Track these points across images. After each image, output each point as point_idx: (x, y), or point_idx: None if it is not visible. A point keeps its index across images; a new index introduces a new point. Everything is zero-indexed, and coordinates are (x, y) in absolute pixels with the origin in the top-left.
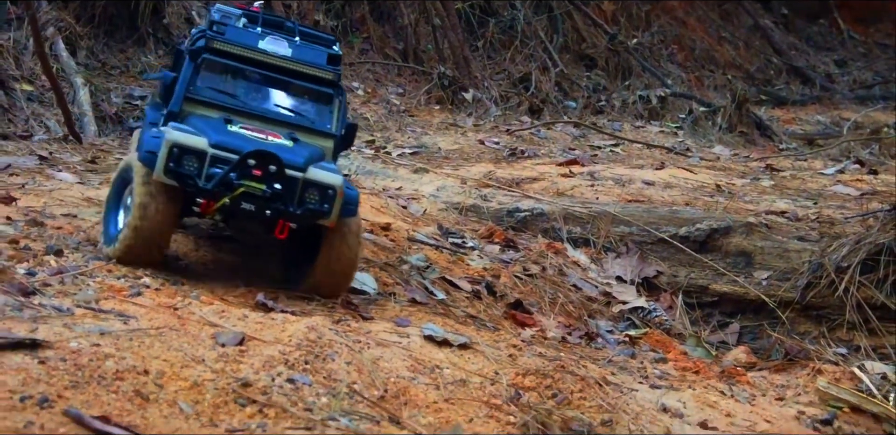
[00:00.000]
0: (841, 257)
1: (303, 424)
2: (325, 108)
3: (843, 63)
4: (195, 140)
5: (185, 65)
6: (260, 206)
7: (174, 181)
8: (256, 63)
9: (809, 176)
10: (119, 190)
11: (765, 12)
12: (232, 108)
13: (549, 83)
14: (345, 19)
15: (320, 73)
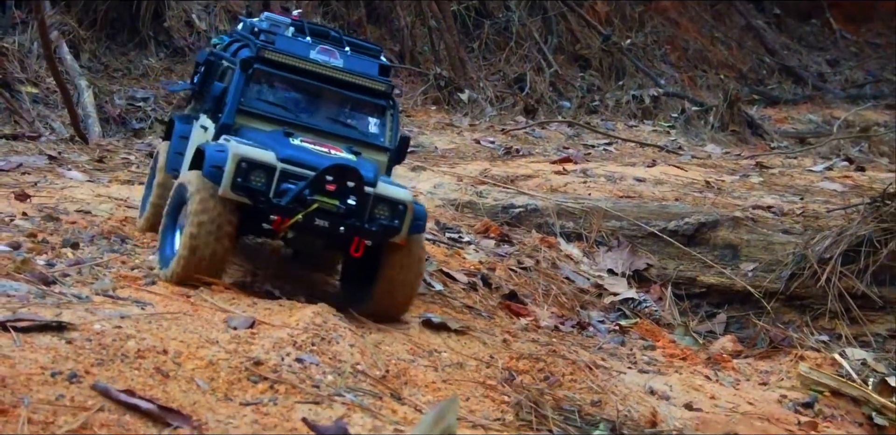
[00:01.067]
0: (823, 249)
1: (311, 399)
2: (378, 121)
3: (835, 62)
4: (263, 154)
5: (235, 75)
6: (334, 223)
7: (243, 197)
8: (308, 74)
9: (798, 173)
10: (174, 210)
11: (757, 12)
12: (285, 122)
13: (543, 83)
14: (342, 22)
15: (373, 85)
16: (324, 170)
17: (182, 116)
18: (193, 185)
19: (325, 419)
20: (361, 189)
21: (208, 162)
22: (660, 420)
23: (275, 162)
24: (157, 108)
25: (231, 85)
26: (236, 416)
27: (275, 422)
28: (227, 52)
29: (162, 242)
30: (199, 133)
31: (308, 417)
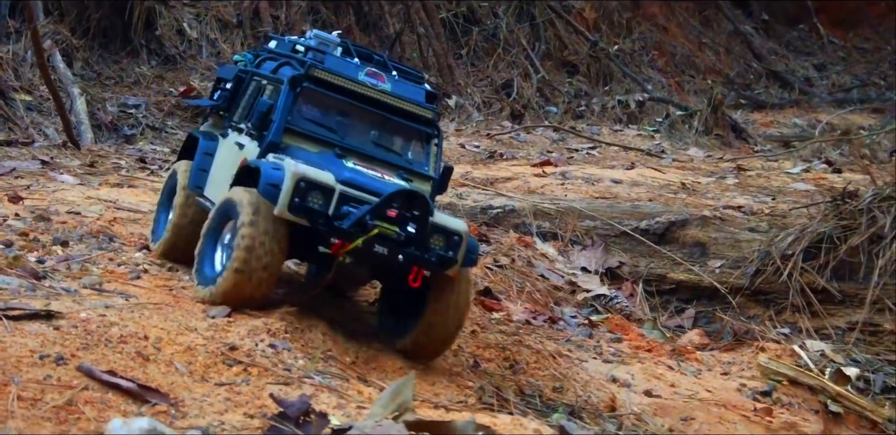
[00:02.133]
0: (786, 246)
1: (281, 380)
2: (423, 149)
3: (823, 67)
4: (322, 175)
5: (282, 93)
6: (393, 251)
7: (301, 218)
8: (356, 96)
9: (776, 175)
10: (216, 228)
11: (745, 18)
12: (331, 143)
13: (530, 89)
14: (331, 29)
15: (420, 111)
16: (390, 195)
17: (204, 132)
18: (244, 201)
19: (293, 398)
20: (426, 217)
21: (265, 179)
22: (619, 405)
23: (334, 183)
24: (148, 114)
25: (278, 102)
26: (210, 394)
27: (246, 399)
28: (262, 69)
29: (200, 261)
30: (232, 150)
31: (277, 395)
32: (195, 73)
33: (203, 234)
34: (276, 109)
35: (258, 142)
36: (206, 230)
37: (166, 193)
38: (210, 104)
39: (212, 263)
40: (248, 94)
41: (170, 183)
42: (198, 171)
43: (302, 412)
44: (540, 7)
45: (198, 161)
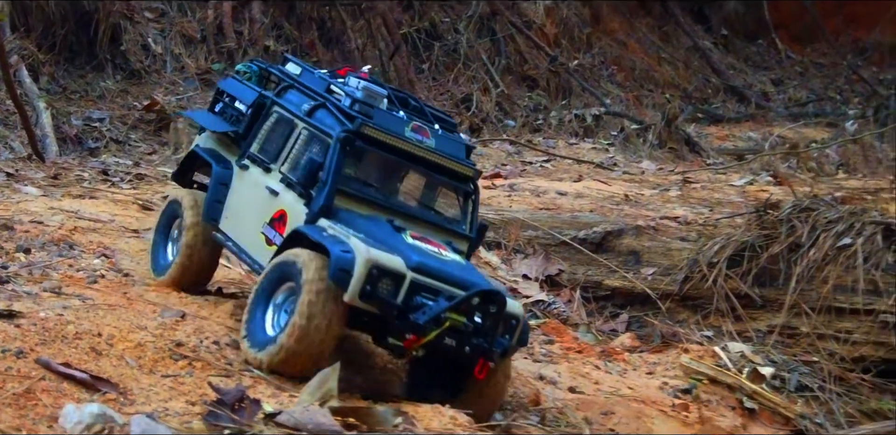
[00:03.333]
0: (713, 254)
1: (223, 373)
2: (461, 207)
3: (780, 82)
4: (393, 261)
5: (334, 152)
6: (461, 342)
7: (372, 307)
8: (404, 154)
9: (720, 187)
10: (271, 286)
11: (704, 33)
12: (377, 204)
13: (490, 103)
14: (295, 44)
15: (463, 169)
16: (473, 294)
17: (214, 154)
18: (309, 271)
19: (231, 387)
20: (501, 314)
21: (336, 264)
22: (543, 400)
23: (405, 271)
24: (112, 128)
25: (328, 162)
26: (157, 385)
27: (189, 389)
28: (285, 99)
29: (251, 322)
30: (259, 191)
31: (215, 384)
32: (159, 88)
33: (255, 292)
34: (325, 169)
35: (305, 201)
36: (257, 289)
37: (164, 222)
38: (226, 129)
39: (263, 325)
40: (271, 126)
41: (168, 211)
42: (213, 202)
43: (237, 399)
44: (501, 22)
45: (213, 192)
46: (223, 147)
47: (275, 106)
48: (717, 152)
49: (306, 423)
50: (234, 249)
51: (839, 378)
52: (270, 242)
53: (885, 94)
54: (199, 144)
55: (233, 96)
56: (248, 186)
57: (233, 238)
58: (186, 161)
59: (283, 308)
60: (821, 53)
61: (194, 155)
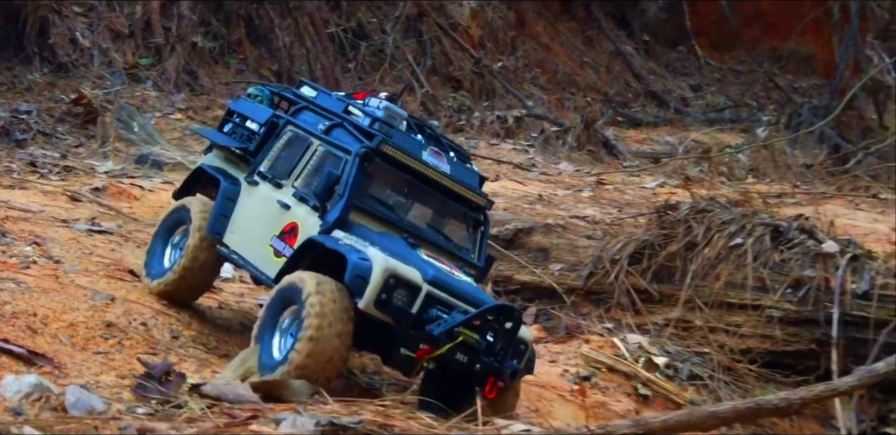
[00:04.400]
0: (615, 252)
1: (150, 351)
2: (470, 235)
3: (698, 87)
4: (410, 272)
5: (352, 166)
6: (472, 359)
7: (386, 316)
8: (420, 176)
9: (632, 189)
10: (276, 312)
11: (626, 38)
12: (394, 224)
13: (415, 103)
14: (222, 41)
15: (475, 198)
16: (490, 308)
17: (222, 172)
18: (312, 291)
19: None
20: (516, 332)
21: (353, 270)
22: None
23: (421, 283)
24: (39, 120)
25: (345, 176)
26: (89, 360)
27: (119, 365)
28: (300, 120)
29: (260, 346)
30: (268, 205)
31: (143, 359)
32: (87, 81)
33: (261, 319)
34: (343, 183)
35: (320, 213)
36: (263, 315)
37: (166, 227)
38: (237, 146)
39: (269, 350)
40: (283, 144)
41: (174, 217)
42: (219, 216)
43: (164, 373)
44: (427, 24)
45: (219, 206)
46: (231, 165)
47: (289, 125)
48: (634, 155)
49: (227, 394)
50: (240, 262)
51: (727, 368)
52: (279, 254)
53: (799, 102)
54: (205, 163)
55: (244, 116)
56: (257, 202)
57: (238, 251)
58: (191, 179)
59: (291, 334)
60: (739, 61)
61: (201, 172)
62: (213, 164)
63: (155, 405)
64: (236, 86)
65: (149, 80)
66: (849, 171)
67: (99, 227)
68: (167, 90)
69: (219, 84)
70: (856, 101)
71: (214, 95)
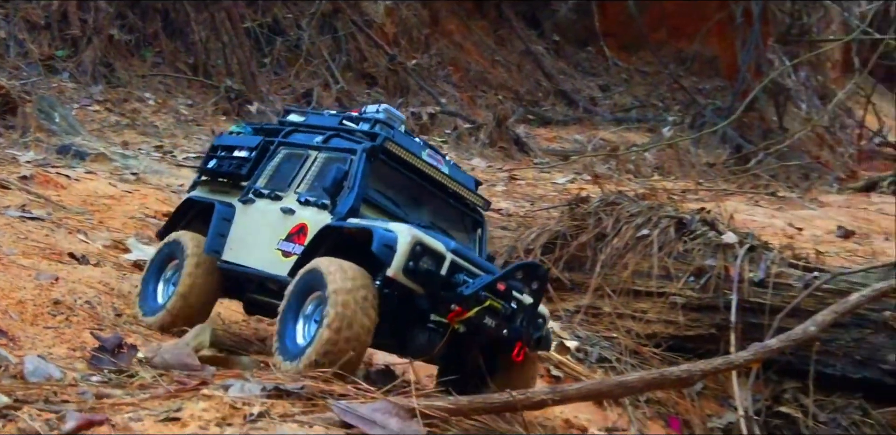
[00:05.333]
0: (529, 242)
1: (98, 326)
2: (471, 235)
3: (606, 88)
4: (435, 242)
5: (357, 162)
6: (499, 324)
7: (415, 282)
8: (421, 174)
9: (543, 184)
10: (299, 299)
11: (537, 38)
12: (398, 217)
13: (330, 99)
14: (138, 34)
15: (474, 198)
16: (518, 266)
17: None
18: (336, 272)
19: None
20: (542, 291)
21: (379, 240)
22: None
23: (445, 251)
24: None
25: (353, 170)
26: (41, 334)
27: (69, 338)
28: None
29: (282, 335)
30: (271, 215)
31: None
32: (3, 72)
33: (283, 310)
34: (351, 177)
35: (330, 208)
36: (285, 306)
37: (157, 264)
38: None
39: (293, 336)
40: (278, 163)
41: (165, 252)
42: (216, 236)
43: (116, 346)
44: (342, 20)
45: (216, 226)
46: (220, 194)
47: (281, 146)
48: (544, 152)
49: (175, 364)
50: (244, 270)
51: (634, 352)
52: (288, 254)
53: (703, 103)
54: (193, 195)
55: (231, 147)
56: (255, 216)
57: (240, 262)
58: (177, 213)
59: (315, 319)
60: (645, 62)
61: (190, 203)
62: (202, 195)
63: (108, 374)
64: (153, 78)
65: (65, 72)
66: (749, 170)
67: (30, 214)
68: (84, 82)
69: (135, 76)
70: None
71: (131, 88)
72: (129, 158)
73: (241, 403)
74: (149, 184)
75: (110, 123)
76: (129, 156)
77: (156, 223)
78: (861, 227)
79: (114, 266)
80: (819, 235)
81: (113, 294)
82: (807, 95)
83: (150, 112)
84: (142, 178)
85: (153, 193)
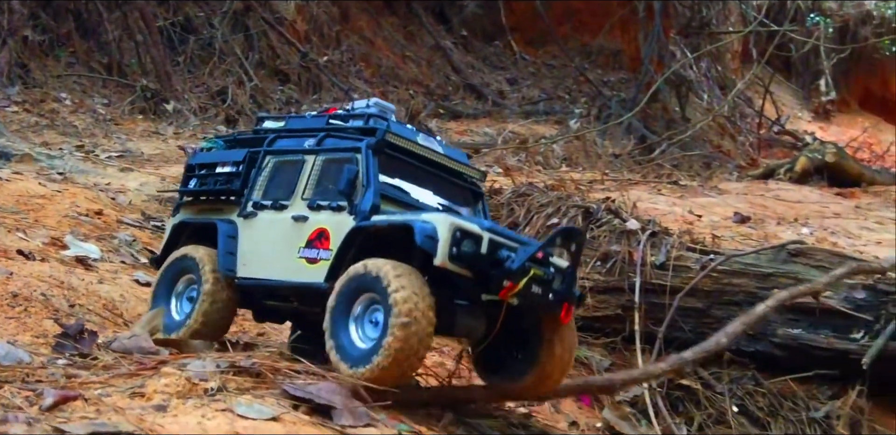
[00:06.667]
0: None
1: (55, 316)
2: (472, 209)
3: (514, 81)
4: (470, 225)
5: (365, 158)
6: (545, 290)
7: (462, 267)
8: (421, 159)
9: None
10: (349, 300)
11: (446, 33)
12: (410, 205)
13: (244, 96)
14: (52, 34)
15: (472, 172)
16: (558, 232)
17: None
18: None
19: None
20: (580, 254)
21: (421, 232)
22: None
23: (481, 232)
24: None
25: (363, 168)
26: (4, 324)
27: (31, 327)
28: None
29: (337, 338)
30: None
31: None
32: None
33: (331, 311)
34: (364, 175)
35: (348, 209)
36: (333, 307)
37: (167, 280)
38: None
39: (350, 340)
40: (270, 173)
41: (174, 269)
42: (226, 254)
43: (78, 332)
44: (254, 18)
45: (224, 245)
46: (212, 213)
47: (269, 155)
48: (456, 146)
49: (133, 348)
50: (266, 283)
51: None
52: (314, 260)
53: (608, 95)
54: (184, 218)
55: (211, 164)
56: (262, 229)
57: (261, 276)
58: (171, 239)
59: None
60: (552, 56)
61: (182, 227)
62: (194, 215)
63: (72, 358)
64: (68, 78)
65: None
66: (654, 160)
67: None
68: (0, 83)
69: (51, 77)
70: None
71: (48, 88)
72: (55, 159)
73: (199, 379)
74: (77, 183)
75: (30, 124)
76: (54, 156)
77: (88, 221)
78: (756, 212)
79: (58, 261)
80: (717, 221)
81: (64, 287)
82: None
83: (67, 112)
84: (69, 178)
85: (82, 192)
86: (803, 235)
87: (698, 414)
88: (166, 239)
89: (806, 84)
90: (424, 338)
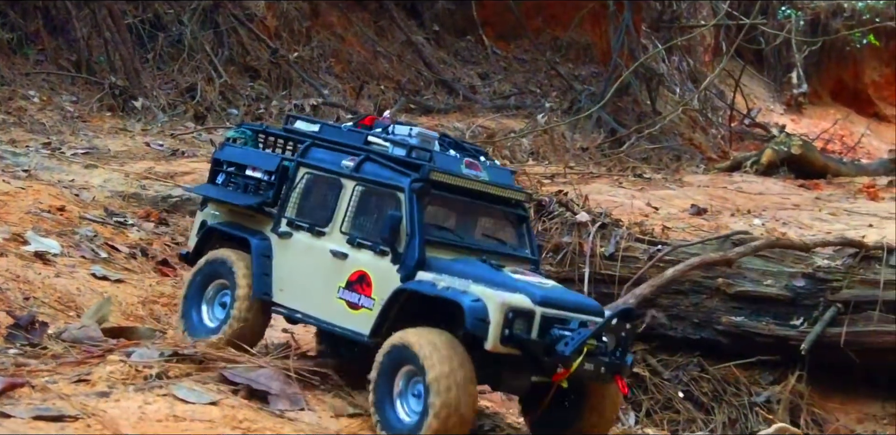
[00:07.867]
0: None
1: (9, 308)
2: (519, 232)
3: (486, 76)
4: (522, 300)
5: (409, 202)
6: (597, 365)
7: (513, 349)
8: (466, 192)
9: None
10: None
11: (417, 29)
12: (460, 247)
13: (214, 92)
14: (20, 32)
15: (517, 196)
16: (614, 314)
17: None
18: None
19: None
20: (634, 332)
21: (472, 314)
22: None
23: (533, 307)
24: None
25: (407, 214)
26: None
27: None
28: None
29: (382, 410)
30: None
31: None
32: None
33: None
34: (408, 222)
35: (391, 258)
36: (376, 379)
37: (199, 284)
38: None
39: (396, 414)
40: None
41: (206, 271)
42: (260, 276)
43: (29, 323)
44: (223, 15)
45: (257, 265)
46: (243, 218)
47: (303, 167)
48: None
49: (82, 337)
50: (310, 321)
51: None
52: (356, 306)
53: (579, 89)
54: (213, 222)
55: (240, 164)
56: (299, 254)
57: (300, 310)
58: (202, 241)
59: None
60: (523, 50)
61: (213, 232)
62: (224, 220)
63: (23, 347)
64: (37, 76)
65: None
66: (622, 152)
67: None
68: None
69: (19, 75)
70: (631, 88)
71: (15, 86)
72: (20, 156)
73: (142, 366)
74: (41, 180)
75: None
76: (19, 153)
77: (50, 217)
78: (715, 205)
79: (17, 256)
80: (674, 213)
81: (20, 280)
82: (680, 79)
83: (35, 110)
84: (33, 175)
85: (45, 189)
86: (755, 225)
87: (646, 400)
88: (197, 238)
89: (778, 77)
90: (464, 417)
